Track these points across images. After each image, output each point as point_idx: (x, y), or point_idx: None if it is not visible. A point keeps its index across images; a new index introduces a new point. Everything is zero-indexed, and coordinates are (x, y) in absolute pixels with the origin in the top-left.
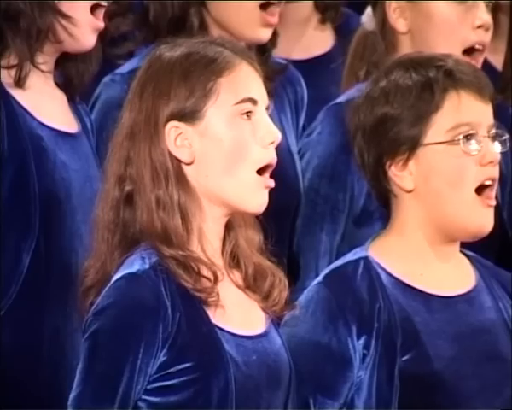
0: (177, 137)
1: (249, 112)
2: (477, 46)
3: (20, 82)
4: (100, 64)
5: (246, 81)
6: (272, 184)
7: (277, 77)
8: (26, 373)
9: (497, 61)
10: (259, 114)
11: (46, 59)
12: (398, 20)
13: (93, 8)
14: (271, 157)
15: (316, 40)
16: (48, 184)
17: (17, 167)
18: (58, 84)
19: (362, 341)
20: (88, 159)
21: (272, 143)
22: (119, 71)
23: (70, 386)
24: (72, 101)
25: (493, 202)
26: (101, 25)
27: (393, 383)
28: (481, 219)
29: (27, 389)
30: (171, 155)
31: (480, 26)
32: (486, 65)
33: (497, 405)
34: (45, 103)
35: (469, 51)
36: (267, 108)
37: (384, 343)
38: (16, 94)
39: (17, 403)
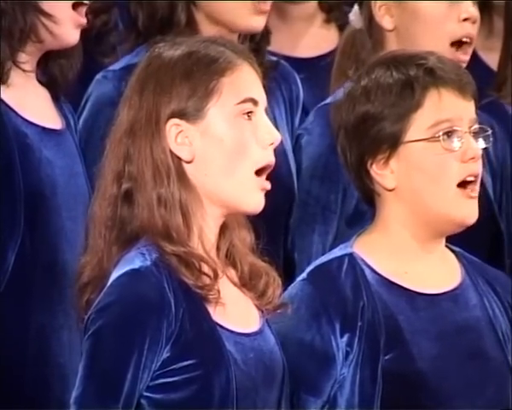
0: (177, 135)
1: (250, 112)
2: (464, 39)
3: (3, 78)
4: (82, 61)
5: (247, 81)
6: (268, 186)
7: (272, 74)
8: (13, 371)
9: (492, 61)
10: (260, 114)
11: (28, 58)
12: (384, 18)
13: (75, 6)
14: (270, 158)
15: (320, 39)
16: (33, 182)
17: (2, 165)
18: (42, 83)
19: (345, 338)
20: (72, 155)
21: (272, 144)
22: (111, 68)
23: (56, 383)
24: (56, 99)
25: (476, 194)
26: (84, 21)
27: (376, 381)
28: (465, 209)
29: (13, 386)
30: (171, 152)
31: (466, 19)
32: (481, 64)
33: (480, 404)
34: (29, 101)
35: (457, 45)
36: (265, 110)
37: (367, 341)
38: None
39: (3, 400)
